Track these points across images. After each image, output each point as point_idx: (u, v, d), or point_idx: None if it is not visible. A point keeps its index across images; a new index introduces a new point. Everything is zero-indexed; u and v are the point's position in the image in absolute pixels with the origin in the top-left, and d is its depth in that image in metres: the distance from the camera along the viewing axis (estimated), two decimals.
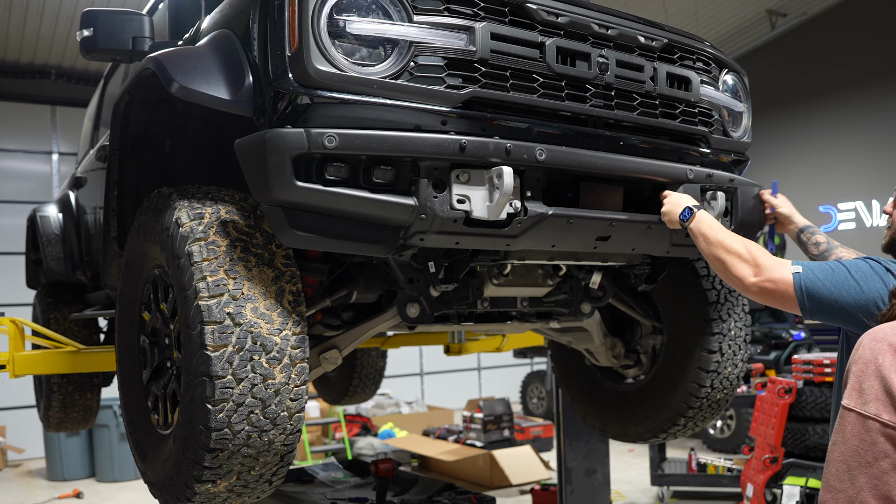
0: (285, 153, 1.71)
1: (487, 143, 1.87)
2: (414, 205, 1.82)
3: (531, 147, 1.93)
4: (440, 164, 1.85)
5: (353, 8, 1.79)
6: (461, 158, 1.85)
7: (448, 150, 1.82)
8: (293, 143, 1.71)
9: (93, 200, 3.58)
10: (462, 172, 1.88)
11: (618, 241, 2.21)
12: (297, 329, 1.89)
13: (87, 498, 7.39)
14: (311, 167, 1.76)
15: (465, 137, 1.85)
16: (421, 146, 1.80)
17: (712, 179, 2.37)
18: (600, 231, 2.14)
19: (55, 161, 10.09)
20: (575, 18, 2.05)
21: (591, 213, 2.11)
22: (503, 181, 1.83)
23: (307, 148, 1.71)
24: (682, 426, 3.02)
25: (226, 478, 1.88)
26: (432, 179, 1.84)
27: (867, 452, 1.20)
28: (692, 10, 9.78)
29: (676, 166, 2.30)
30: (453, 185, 1.86)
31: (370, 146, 1.76)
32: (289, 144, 1.71)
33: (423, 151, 1.81)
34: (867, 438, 1.20)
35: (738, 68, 2.65)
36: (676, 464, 6.46)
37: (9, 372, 3.11)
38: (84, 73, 9.91)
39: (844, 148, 10.42)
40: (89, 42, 2.58)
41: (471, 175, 1.89)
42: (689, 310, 2.91)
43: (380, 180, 1.81)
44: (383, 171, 1.81)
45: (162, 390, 2.16)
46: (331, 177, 1.77)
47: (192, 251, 1.84)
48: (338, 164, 1.77)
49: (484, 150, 1.87)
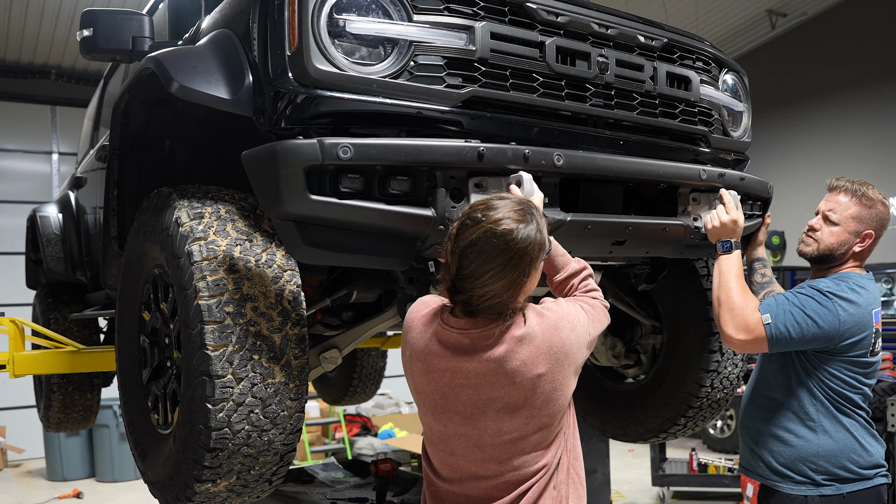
0: (298, 165, 1.66)
1: (505, 150, 1.84)
2: (432, 216, 1.78)
3: (549, 153, 1.91)
4: (458, 173, 1.81)
5: (353, 7, 1.79)
6: (479, 166, 1.81)
7: (466, 158, 1.79)
8: (306, 154, 1.66)
9: (93, 200, 3.58)
10: (480, 180, 1.84)
11: (633, 245, 2.20)
12: (297, 329, 1.88)
13: (87, 498, 7.38)
14: (325, 179, 1.70)
15: (483, 145, 1.81)
16: (438, 155, 1.76)
17: (724, 179, 2.37)
18: (617, 235, 2.13)
19: (55, 161, 10.07)
20: (575, 18, 2.05)
21: (608, 218, 2.09)
22: (524, 188, 1.80)
23: (321, 159, 1.65)
24: (683, 426, 3.02)
25: (226, 477, 1.88)
26: (450, 189, 1.80)
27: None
28: (692, 10, 9.78)
29: (689, 167, 2.30)
30: (472, 194, 1.82)
31: (386, 156, 1.71)
32: (301, 156, 1.66)
33: (441, 160, 1.76)
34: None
35: (737, 68, 2.65)
36: (677, 464, 6.45)
37: (9, 372, 3.12)
38: (84, 73, 9.89)
39: (844, 148, 10.41)
40: (89, 42, 2.57)
41: (488, 183, 1.85)
42: (689, 309, 2.90)
43: (396, 191, 1.76)
44: (399, 181, 1.76)
45: (162, 390, 2.16)
46: (345, 189, 1.71)
47: (192, 251, 1.84)
48: (353, 176, 1.72)
49: (502, 156, 1.83)
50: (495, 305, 1.56)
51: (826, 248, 2.35)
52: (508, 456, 1.61)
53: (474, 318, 1.59)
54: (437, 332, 1.62)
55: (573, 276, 1.83)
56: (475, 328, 1.58)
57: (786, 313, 2.21)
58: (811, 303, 2.21)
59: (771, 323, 2.20)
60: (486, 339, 1.57)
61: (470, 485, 1.65)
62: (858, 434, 2.27)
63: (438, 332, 1.62)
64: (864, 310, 2.24)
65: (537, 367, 1.57)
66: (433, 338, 1.62)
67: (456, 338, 1.59)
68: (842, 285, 2.26)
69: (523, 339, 1.57)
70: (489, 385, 1.58)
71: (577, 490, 1.70)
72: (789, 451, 2.30)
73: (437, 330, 1.62)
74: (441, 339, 1.61)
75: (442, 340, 1.61)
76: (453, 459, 1.66)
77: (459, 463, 1.65)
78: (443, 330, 1.61)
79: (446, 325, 1.61)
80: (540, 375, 1.57)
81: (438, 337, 1.61)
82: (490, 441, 1.61)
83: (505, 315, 1.57)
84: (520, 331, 1.58)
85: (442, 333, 1.61)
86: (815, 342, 2.22)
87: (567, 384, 1.63)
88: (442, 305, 1.66)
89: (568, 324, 1.63)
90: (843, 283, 2.27)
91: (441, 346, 1.60)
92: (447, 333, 1.60)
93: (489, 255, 1.51)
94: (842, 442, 2.25)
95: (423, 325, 1.65)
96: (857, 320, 2.22)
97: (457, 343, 1.59)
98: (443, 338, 1.61)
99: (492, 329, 1.57)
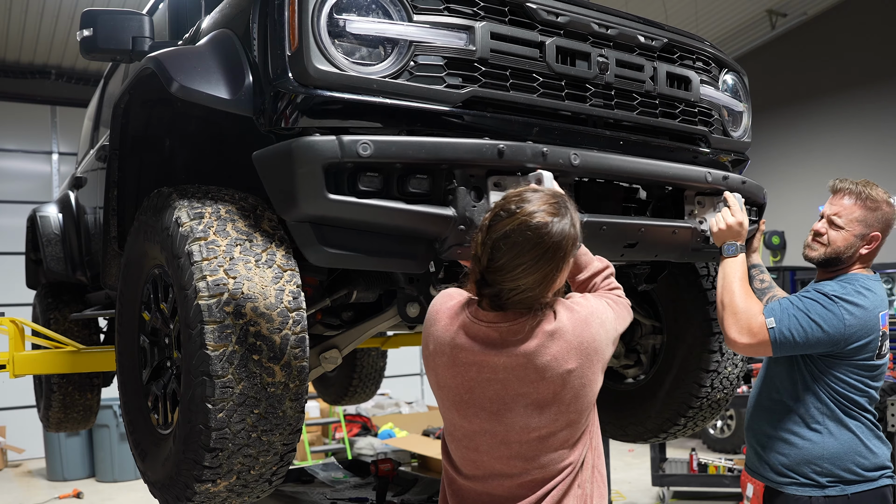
0: (316, 163, 1.63)
1: (525, 148, 1.84)
2: (453, 215, 1.76)
3: (566, 152, 1.91)
4: (477, 172, 1.79)
5: (353, 7, 1.79)
6: (499, 164, 1.80)
7: (486, 155, 1.78)
8: (325, 151, 1.63)
9: (93, 200, 3.58)
10: (499, 179, 1.82)
11: (644, 248, 2.20)
12: (297, 329, 1.88)
13: (87, 498, 7.38)
14: (343, 178, 1.68)
15: (502, 142, 1.79)
16: (459, 152, 1.74)
17: (727, 182, 2.37)
18: (630, 237, 2.12)
19: (55, 161, 10.07)
20: (575, 18, 2.05)
21: (622, 220, 2.09)
22: (544, 186, 1.78)
23: (340, 157, 1.63)
24: (683, 426, 3.02)
25: (226, 477, 1.87)
26: (470, 187, 1.79)
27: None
28: (692, 10, 9.78)
29: (696, 169, 2.30)
30: (491, 193, 1.81)
31: (406, 154, 1.69)
32: (320, 153, 1.63)
33: (462, 158, 1.75)
34: None
35: (737, 68, 2.65)
36: (677, 464, 6.44)
37: (9, 372, 3.11)
38: (84, 73, 9.89)
39: (844, 148, 10.41)
40: (89, 42, 2.57)
41: (507, 182, 1.83)
42: (689, 309, 2.91)
43: (415, 190, 1.74)
44: (419, 180, 1.74)
45: (162, 390, 2.16)
46: (364, 188, 1.69)
47: (191, 251, 1.84)
48: (371, 174, 1.69)
49: (522, 154, 1.82)
50: (526, 300, 1.53)
51: (833, 252, 2.33)
52: (535, 453, 1.58)
53: (503, 312, 1.56)
54: (464, 325, 1.59)
55: (596, 274, 1.82)
56: (504, 322, 1.56)
57: (790, 317, 2.20)
58: (816, 307, 2.21)
59: (775, 327, 2.20)
60: (516, 334, 1.55)
61: (494, 482, 1.62)
62: (864, 436, 2.27)
63: (466, 325, 1.58)
64: (871, 313, 2.23)
65: (568, 362, 1.54)
66: (460, 330, 1.59)
67: (485, 331, 1.56)
68: (848, 288, 2.25)
69: (554, 333, 1.55)
70: (518, 380, 1.55)
71: (600, 489, 1.68)
72: (794, 453, 2.29)
73: (465, 322, 1.59)
74: (469, 332, 1.58)
75: (470, 333, 1.58)
76: (477, 456, 1.63)
77: (484, 460, 1.62)
78: (471, 323, 1.58)
79: (475, 319, 1.58)
80: (570, 371, 1.55)
81: (466, 330, 1.58)
82: (517, 438, 1.58)
83: (534, 309, 1.55)
84: (550, 325, 1.55)
85: (470, 326, 1.58)
86: (821, 346, 2.22)
87: (596, 380, 1.61)
88: (468, 298, 1.63)
89: (597, 319, 1.62)
90: (850, 286, 2.26)
91: (469, 338, 1.57)
92: (475, 327, 1.57)
93: (523, 248, 1.48)
94: (847, 444, 2.25)
95: (449, 318, 1.61)
96: (863, 324, 2.21)
97: (485, 336, 1.56)
98: (471, 331, 1.58)
99: (522, 323, 1.55)
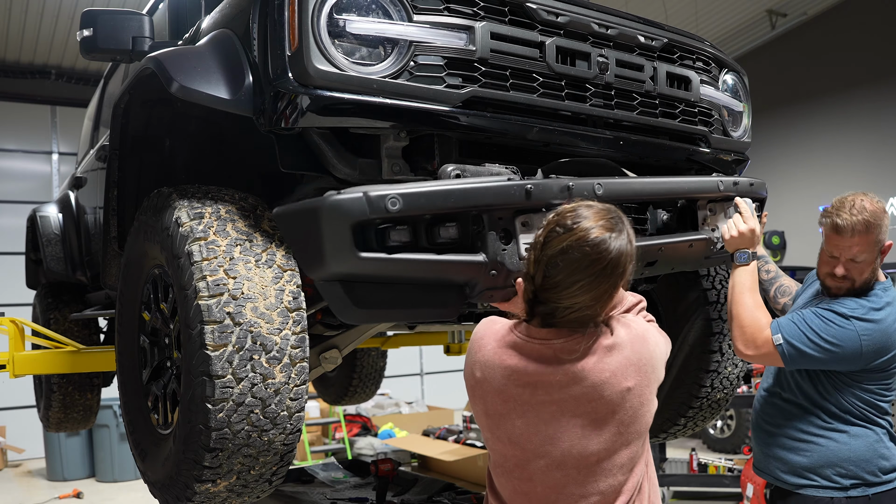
0: (345, 222, 1.59)
1: (551, 185, 1.81)
2: (483, 261, 1.74)
3: (589, 183, 1.90)
4: (504, 213, 1.76)
5: (353, 7, 1.79)
6: (527, 204, 1.77)
7: (515, 197, 1.75)
8: (353, 210, 1.59)
9: (93, 200, 3.57)
10: (526, 219, 1.79)
11: (662, 265, 2.19)
12: (296, 328, 1.88)
13: (87, 498, 7.38)
14: (371, 234, 1.64)
15: (529, 182, 1.77)
16: (488, 197, 1.71)
17: (738, 188, 2.37)
18: (649, 257, 2.11)
19: (55, 161, 10.07)
20: (575, 18, 2.05)
21: (642, 242, 2.06)
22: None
23: (368, 214, 1.59)
24: (682, 426, 3.02)
25: (226, 477, 1.87)
26: (499, 231, 1.75)
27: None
28: (692, 10, 9.78)
29: (708, 179, 2.30)
30: (519, 235, 1.78)
31: (436, 204, 1.65)
32: (348, 212, 1.59)
33: (491, 202, 1.72)
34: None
35: (737, 68, 2.65)
36: (677, 464, 6.44)
37: (9, 372, 3.11)
38: (84, 73, 9.89)
39: (845, 148, 10.41)
40: (89, 42, 2.57)
41: (533, 220, 1.80)
42: (689, 309, 2.90)
43: (444, 238, 1.71)
44: (447, 228, 1.71)
45: (162, 390, 2.16)
46: (394, 242, 1.65)
47: (191, 251, 1.84)
48: (400, 228, 1.66)
49: (549, 192, 1.80)
50: (581, 317, 1.49)
51: (861, 282, 2.28)
52: (592, 479, 1.52)
53: (557, 329, 1.51)
54: (515, 345, 1.53)
55: (630, 309, 1.72)
56: (558, 338, 1.51)
57: (800, 335, 2.19)
58: (831, 328, 2.18)
59: (782, 343, 2.18)
60: (571, 352, 1.49)
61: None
62: (885, 438, 2.28)
63: (517, 345, 1.53)
64: (890, 327, 2.21)
65: (626, 379, 1.49)
66: (511, 351, 1.53)
67: (538, 349, 1.51)
68: (864, 304, 2.23)
69: (612, 348, 1.50)
70: (574, 400, 1.49)
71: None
72: (816, 455, 2.27)
73: (516, 342, 1.53)
74: (521, 351, 1.52)
75: (522, 352, 1.52)
76: (530, 487, 1.55)
77: (537, 490, 1.55)
78: (523, 342, 1.53)
79: (527, 337, 1.53)
80: (629, 389, 1.49)
81: (517, 349, 1.53)
82: (573, 462, 1.51)
83: (588, 328, 1.51)
84: (608, 340, 1.51)
85: (522, 346, 1.53)
86: (835, 365, 2.21)
87: (652, 401, 1.55)
88: (515, 322, 1.58)
89: (653, 337, 1.58)
90: (866, 303, 2.23)
91: (521, 358, 1.52)
92: (528, 345, 1.52)
93: (580, 265, 1.43)
94: (872, 447, 2.25)
95: (497, 342, 1.56)
96: (880, 342, 2.19)
97: (539, 354, 1.51)
98: (523, 350, 1.52)
99: (577, 340, 1.50)
